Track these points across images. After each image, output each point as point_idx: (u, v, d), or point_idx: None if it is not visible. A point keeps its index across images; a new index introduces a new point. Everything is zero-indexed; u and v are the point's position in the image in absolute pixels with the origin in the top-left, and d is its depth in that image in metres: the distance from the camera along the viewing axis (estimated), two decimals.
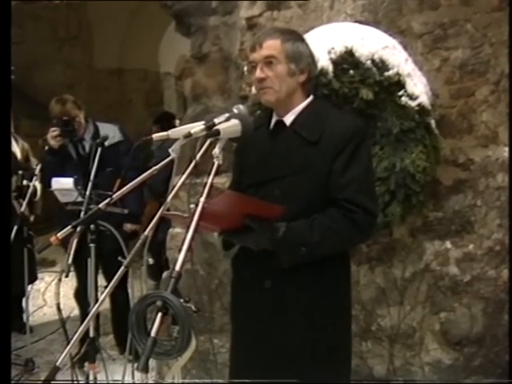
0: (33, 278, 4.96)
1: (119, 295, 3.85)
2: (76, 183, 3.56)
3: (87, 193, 3.32)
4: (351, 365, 2.31)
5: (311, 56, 2.22)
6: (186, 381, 3.36)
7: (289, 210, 2.03)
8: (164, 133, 2.01)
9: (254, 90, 2.33)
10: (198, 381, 3.36)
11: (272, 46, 2.13)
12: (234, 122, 1.95)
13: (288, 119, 2.19)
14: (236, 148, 2.34)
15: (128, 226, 4.19)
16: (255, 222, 2.00)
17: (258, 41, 2.16)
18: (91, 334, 3.17)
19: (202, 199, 1.78)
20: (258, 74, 2.14)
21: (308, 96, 2.22)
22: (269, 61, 2.12)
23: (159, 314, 1.55)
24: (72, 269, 3.13)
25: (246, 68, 2.24)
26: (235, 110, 2.03)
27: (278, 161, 2.16)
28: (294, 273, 2.09)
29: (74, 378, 3.08)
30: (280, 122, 2.21)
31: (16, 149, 4.71)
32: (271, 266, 2.08)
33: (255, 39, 2.21)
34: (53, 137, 3.96)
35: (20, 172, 4.27)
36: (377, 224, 2.19)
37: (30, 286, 5.13)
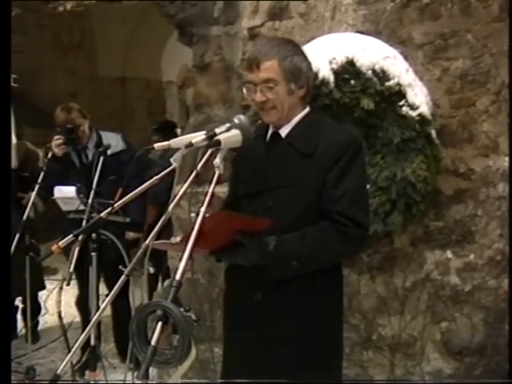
0: (41, 286, 4.99)
1: (120, 303, 3.85)
2: (78, 191, 3.58)
3: (89, 201, 3.33)
4: (341, 376, 2.31)
5: (309, 68, 2.20)
6: (187, 381, 3.37)
7: (282, 221, 2.04)
8: (165, 142, 2.03)
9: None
10: (196, 381, 3.37)
11: (270, 68, 2.09)
12: (235, 132, 1.96)
13: (284, 131, 2.19)
14: (233, 159, 2.35)
15: (130, 235, 4.20)
16: (245, 237, 2.00)
17: (255, 61, 2.11)
18: (92, 342, 3.17)
19: (203, 208, 1.79)
20: (259, 98, 2.12)
21: (305, 107, 2.23)
22: (268, 85, 2.10)
23: (159, 323, 1.56)
24: (73, 277, 3.14)
25: (244, 90, 2.21)
26: (236, 120, 2.04)
27: (273, 172, 2.16)
28: (285, 285, 2.08)
29: None
30: (276, 134, 2.21)
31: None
32: (262, 278, 2.07)
33: (251, 57, 2.15)
34: (57, 145, 3.96)
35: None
36: (368, 237, 2.18)
37: (40, 294, 5.19)
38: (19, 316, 5.00)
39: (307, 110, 2.22)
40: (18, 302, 4.92)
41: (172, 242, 2.20)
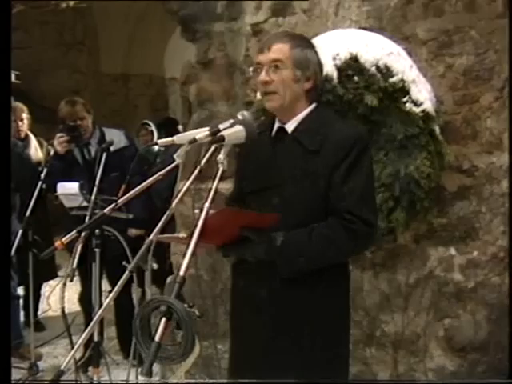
0: (53, 275, 5.07)
1: (123, 300, 3.86)
2: (81, 188, 3.58)
3: (92, 198, 3.34)
4: (349, 372, 2.31)
5: (319, 64, 2.20)
6: (191, 381, 3.37)
7: (288, 217, 2.03)
8: (169, 138, 2.02)
9: (258, 95, 2.33)
10: (200, 380, 3.37)
11: (280, 49, 2.11)
12: (239, 128, 1.96)
13: (290, 127, 2.18)
14: (238, 154, 2.34)
15: (132, 232, 4.20)
16: (252, 232, 2.00)
17: (267, 43, 2.14)
18: (95, 338, 3.18)
19: (207, 204, 1.79)
20: (263, 76, 2.11)
21: (312, 103, 2.22)
22: (275, 64, 2.10)
23: (163, 319, 1.56)
24: (76, 273, 3.14)
25: (251, 69, 2.22)
26: (240, 116, 2.03)
27: (279, 168, 2.15)
28: (292, 281, 2.08)
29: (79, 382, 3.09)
30: (282, 129, 2.20)
31: (39, 153, 4.74)
32: (269, 274, 2.07)
33: (264, 41, 2.19)
34: (60, 142, 3.97)
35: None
36: (375, 235, 2.17)
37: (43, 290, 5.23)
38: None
39: (314, 105, 2.21)
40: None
41: (179, 236, 2.20)
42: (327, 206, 2.09)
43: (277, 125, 2.22)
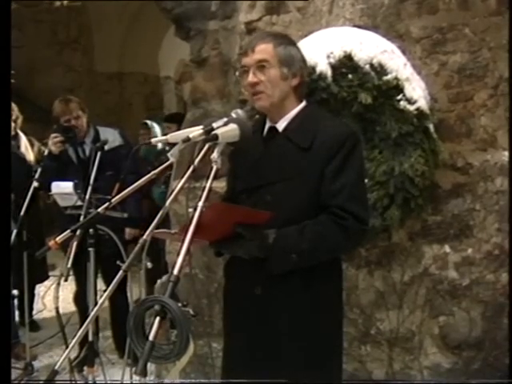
0: (44, 277, 5.04)
1: (118, 299, 3.85)
2: (76, 187, 3.57)
3: (87, 197, 3.33)
4: (342, 370, 2.31)
5: (303, 60, 2.22)
6: (185, 381, 3.37)
7: (280, 215, 2.03)
8: (163, 137, 2.03)
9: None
10: (194, 381, 3.37)
11: (264, 50, 2.13)
12: (233, 126, 1.96)
13: (280, 125, 2.19)
14: (230, 154, 2.34)
15: (127, 231, 4.19)
16: (245, 229, 2.00)
17: (251, 45, 2.16)
18: (90, 337, 3.17)
19: (201, 203, 1.79)
20: (251, 78, 2.13)
21: (301, 101, 2.22)
22: (261, 65, 2.12)
23: (157, 318, 1.55)
24: (71, 273, 3.14)
25: (237, 73, 2.24)
26: (234, 115, 2.04)
27: (270, 167, 2.16)
28: (285, 279, 2.08)
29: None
30: (273, 128, 2.21)
31: (31, 152, 4.72)
32: (262, 272, 2.07)
33: (247, 44, 2.22)
34: (54, 143, 3.95)
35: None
36: (367, 231, 2.18)
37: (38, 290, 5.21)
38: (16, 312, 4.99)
39: (304, 104, 2.22)
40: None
41: (171, 232, 2.19)
42: (319, 203, 2.09)
43: (268, 124, 2.23)
